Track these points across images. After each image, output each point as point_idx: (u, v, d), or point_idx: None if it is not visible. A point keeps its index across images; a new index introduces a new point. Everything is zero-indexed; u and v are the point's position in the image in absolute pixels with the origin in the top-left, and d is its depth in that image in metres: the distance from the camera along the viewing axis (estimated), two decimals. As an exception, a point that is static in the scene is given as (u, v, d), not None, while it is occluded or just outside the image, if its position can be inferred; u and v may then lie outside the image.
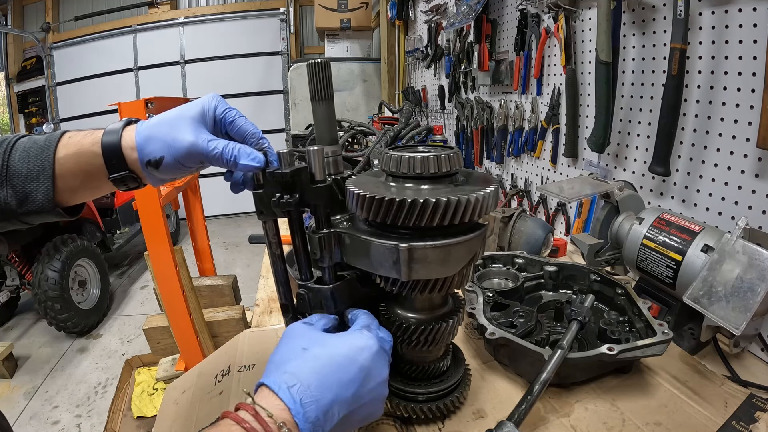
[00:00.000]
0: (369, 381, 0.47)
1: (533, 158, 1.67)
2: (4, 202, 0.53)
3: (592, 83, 1.21)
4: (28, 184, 0.53)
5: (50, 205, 0.54)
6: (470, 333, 0.88)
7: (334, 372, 0.45)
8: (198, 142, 0.53)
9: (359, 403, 0.46)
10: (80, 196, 0.59)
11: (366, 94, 3.92)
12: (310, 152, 0.55)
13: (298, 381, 0.44)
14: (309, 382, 0.44)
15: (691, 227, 0.81)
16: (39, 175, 0.53)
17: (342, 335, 0.50)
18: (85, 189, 0.58)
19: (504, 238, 1.21)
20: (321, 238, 0.56)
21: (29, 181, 0.53)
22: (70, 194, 0.57)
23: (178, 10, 5.73)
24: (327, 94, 0.67)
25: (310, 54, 5.93)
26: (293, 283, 0.62)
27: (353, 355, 0.47)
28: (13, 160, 0.53)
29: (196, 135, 0.54)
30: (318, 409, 0.43)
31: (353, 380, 0.46)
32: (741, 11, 0.85)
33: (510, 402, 0.62)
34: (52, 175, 0.53)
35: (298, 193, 0.55)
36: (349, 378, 0.46)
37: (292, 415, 0.42)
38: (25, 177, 0.53)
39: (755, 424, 0.61)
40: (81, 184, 0.56)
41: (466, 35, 2.05)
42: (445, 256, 0.51)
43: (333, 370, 0.45)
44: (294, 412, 0.42)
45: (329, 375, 0.45)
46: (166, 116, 0.55)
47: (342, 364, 0.46)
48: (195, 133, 0.54)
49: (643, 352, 0.66)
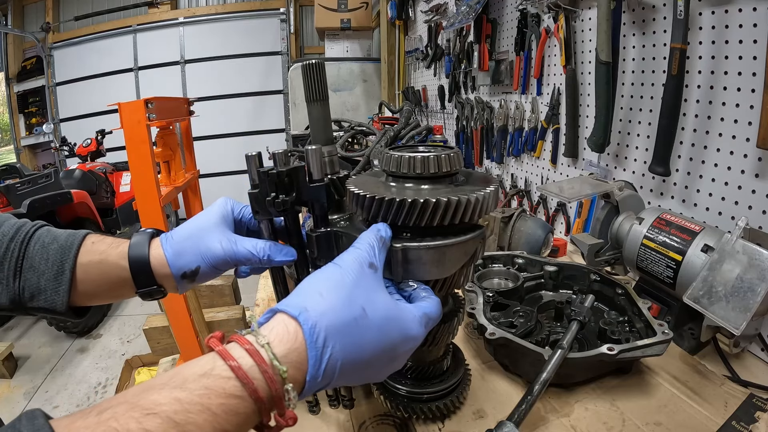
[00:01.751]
0: (392, 367, 0.43)
1: (533, 158, 1.67)
2: (15, 295, 0.52)
3: (592, 83, 1.21)
4: (44, 283, 0.53)
5: (64, 307, 0.53)
6: (470, 333, 0.88)
7: (372, 355, 0.39)
8: (231, 247, 0.54)
9: (367, 378, 0.41)
10: (97, 301, 0.59)
11: (366, 94, 3.92)
12: (308, 151, 0.55)
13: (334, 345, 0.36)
14: (344, 356, 0.37)
15: (691, 227, 0.81)
16: (58, 276, 0.53)
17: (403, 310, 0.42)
18: (106, 296, 0.58)
19: (504, 238, 1.21)
20: (318, 237, 0.56)
21: (46, 279, 0.53)
22: (87, 298, 0.56)
23: (178, 10, 5.73)
24: (322, 95, 0.67)
25: (310, 54, 5.93)
26: (291, 282, 0.62)
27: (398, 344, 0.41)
28: (30, 253, 0.53)
29: (227, 240, 0.54)
30: (329, 380, 0.37)
31: (378, 367, 0.40)
32: (741, 11, 0.85)
33: (510, 402, 0.62)
34: (71, 278, 0.53)
35: (295, 192, 0.55)
36: (378, 365, 0.40)
37: (306, 381, 0.35)
38: (41, 274, 0.53)
39: (755, 424, 0.61)
40: (102, 292, 0.57)
41: (466, 35, 2.05)
42: (439, 257, 0.50)
43: (372, 355, 0.39)
44: (308, 379, 0.35)
45: (365, 357, 0.38)
46: (191, 228, 0.56)
47: (384, 351, 0.40)
48: (224, 238, 0.54)
49: (643, 352, 0.66)
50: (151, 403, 0.30)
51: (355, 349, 0.38)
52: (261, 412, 0.33)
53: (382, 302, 0.41)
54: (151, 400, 0.30)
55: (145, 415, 0.29)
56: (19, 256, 0.53)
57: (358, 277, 0.41)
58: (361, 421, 0.66)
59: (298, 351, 0.36)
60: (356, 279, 0.41)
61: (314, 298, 0.38)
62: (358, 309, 0.39)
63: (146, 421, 0.29)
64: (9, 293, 0.52)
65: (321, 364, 0.36)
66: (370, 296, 0.41)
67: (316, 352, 0.36)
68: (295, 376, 0.35)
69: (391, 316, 0.41)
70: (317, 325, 0.36)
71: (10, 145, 5.79)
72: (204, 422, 0.30)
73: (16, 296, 0.52)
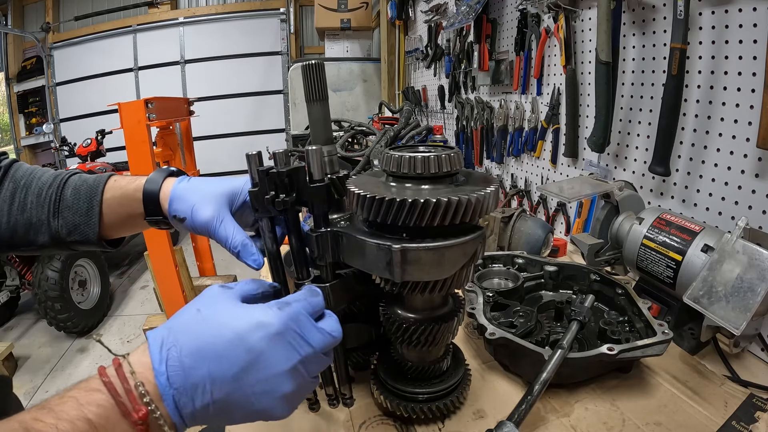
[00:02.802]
0: (258, 367, 0.39)
1: (533, 158, 1.67)
2: (56, 231, 0.63)
3: (592, 83, 1.21)
4: (78, 218, 0.63)
5: (95, 238, 0.64)
6: (470, 333, 0.88)
7: (215, 344, 0.39)
8: (213, 222, 0.58)
9: (244, 392, 0.39)
10: (121, 232, 0.68)
11: (366, 94, 3.92)
12: (309, 152, 0.55)
13: (174, 341, 0.39)
14: (184, 346, 0.39)
15: (691, 227, 0.81)
16: (88, 211, 0.63)
17: (248, 307, 0.43)
18: (126, 226, 0.67)
19: (504, 238, 1.21)
20: (318, 236, 0.56)
21: (79, 215, 0.63)
22: (113, 230, 0.66)
23: (178, 10, 5.73)
24: (321, 95, 0.68)
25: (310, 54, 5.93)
26: (291, 282, 0.62)
27: (244, 331, 0.40)
28: (65, 195, 0.64)
29: (215, 214, 0.58)
30: (185, 377, 0.38)
31: (235, 360, 0.39)
32: (741, 11, 0.85)
33: (510, 402, 0.62)
34: (99, 213, 0.64)
35: (295, 192, 0.55)
36: (230, 356, 0.39)
37: (154, 376, 0.37)
38: (75, 212, 0.63)
39: (755, 424, 0.61)
40: (122, 223, 0.66)
41: (466, 35, 2.05)
42: (438, 258, 0.51)
43: (215, 341, 0.39)
44: (156, 373, 0.37)
45: (209, 345, 0.39)
46: (201, 185, 0.62)
47: (228, 337, 0.39)
48: (216, 212, 0.58)
49: (643, 352, 0.66)
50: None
51: (191, 337, 0.39)
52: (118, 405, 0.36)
53: (221, 303, 0.43)
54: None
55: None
56: (56, 199, 0.63)
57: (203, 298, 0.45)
58: (361, 421, 0.66)
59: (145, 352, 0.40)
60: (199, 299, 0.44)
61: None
62: (192, 311, 0.42)
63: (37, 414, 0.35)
64: (50, 232, 0.63)
65: (163, 358, 0.38)
66: (207, 302, 0.43)
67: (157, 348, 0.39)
68: (144, 373, 0.38)
69: (225, 309, 0.42)
70: (156, 332, 0.41)
71: (10, 145, 5.79)
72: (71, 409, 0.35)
73: (56, 234, 0.63)
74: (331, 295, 0.58)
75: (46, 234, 0.63)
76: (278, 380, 0.40)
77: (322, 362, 0.45)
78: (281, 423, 0.66)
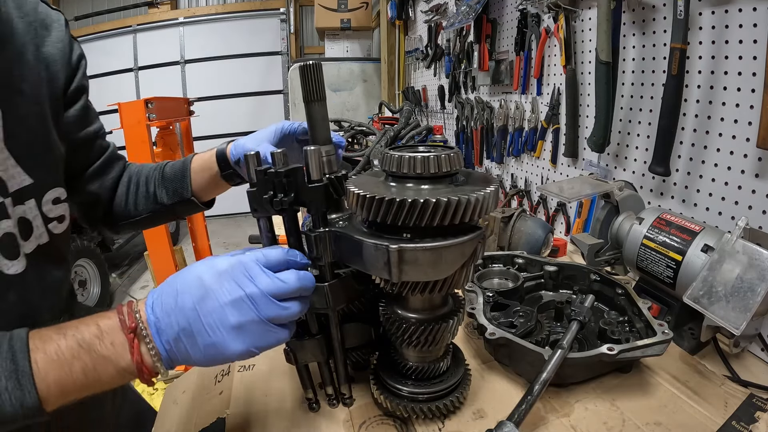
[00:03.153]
0: (208, 299, 0.46)
1: (533, 158, 1.67)
2: (161, 198, 0.85)
3: (592, 83, 1.21)
4: (175, 184, 0.85)
5: (189, 195, 0.84)
6: (470, 333, 0.88)
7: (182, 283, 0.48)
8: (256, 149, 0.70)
9: (201, 321, 0.46)
10: (209, 193, 0.88)
11: (366, 94, 3.92)
12: (307, 152, 0.55)
13: (162, 286, 0.49)
14: (165, 288, 0.48)
15: (691, 227, 0.81)
16: (182, 178, 0.84)
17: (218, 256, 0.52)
18: (210, 187, 0.86)
19: (504, 238, 1.21)
20: (317, 236, 0.56)
21: (175, 182, 0.85)
22: (202, 192, 0.86)
23: (178, 10, 5.73)
24: (319, 95, 0.68)
25: (310, 54, 5.93)
26: None
27: (201, 272, 0.48)
28: (165, 171, 0.87)
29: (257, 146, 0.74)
30: (161, 308, 0.47)
31: (192, 293, 0.47)
32: (741, 11, 0.85)
33: (510, 402, 0.62)
34: (189, 177, 0.84)
35: (293, 192, 0.55)
36: (190, 290, 0.47)
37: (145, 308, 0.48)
38: (172, 180, 0.85)
39: (755, 424, 0.61)
40: (207, 184, 0.85)
41: (466, 35, 2.05)
42: (436, 258, 0.50)
43: (183, 281, 0.48)
44: (146, 306, 0.48)
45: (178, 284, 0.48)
46: (254, 134, 0.81)
47: (189, 278, 0.48)
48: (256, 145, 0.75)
49: (643, 352, 0.66)
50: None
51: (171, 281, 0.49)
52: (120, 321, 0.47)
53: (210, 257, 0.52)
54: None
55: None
56: (159, 176, 0.86)
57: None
58: (361, 421, 0.66)
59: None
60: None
61: None
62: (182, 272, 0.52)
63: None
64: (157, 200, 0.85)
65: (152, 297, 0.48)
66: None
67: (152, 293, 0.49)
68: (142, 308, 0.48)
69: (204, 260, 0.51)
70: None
71: (10, 145, 5.78)
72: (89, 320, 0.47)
73: (161, 200, 0.85)
74: (330, 295, 0.58)
75: (153, 202, 0.85)
76: (224, 311, 0.46)
77: (275, 307, 0.49)
78: (281, 422, 0.66)
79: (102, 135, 0.81)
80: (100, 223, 0.86)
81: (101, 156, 0.81)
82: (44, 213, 0.62)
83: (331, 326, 0.62)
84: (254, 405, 0.71)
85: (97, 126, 0.80)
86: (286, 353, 0.64)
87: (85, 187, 0.79)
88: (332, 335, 0.63)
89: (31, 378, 0.42)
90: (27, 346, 0.43)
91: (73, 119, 0.72)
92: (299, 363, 0.65)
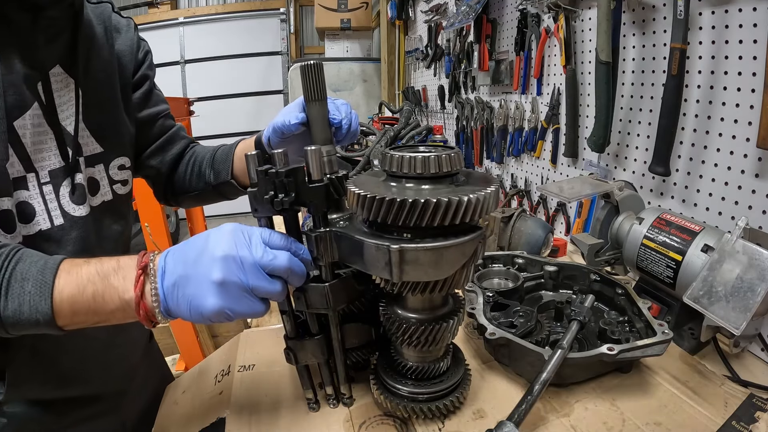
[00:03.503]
0: (206, 251, 0.51)
1: (533, 158, 1.67)
2: (208, 177, 0.91)
3: (592, 83, 1.21)
4: (219, 165, 0.90)
5: (227, 176, 0.89)
6: (470, 333, 0.88)
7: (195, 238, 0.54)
8: (282, 120, 0.75)
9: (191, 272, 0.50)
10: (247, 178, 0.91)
11: (366, 94, 3.92)
12: (308, 152, 0.55)
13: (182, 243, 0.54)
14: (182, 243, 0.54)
15: (691, 227, 0.81)
16: (225, 160, 0.90)
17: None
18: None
19: (504, 238, 1.21)
20: (318, 237, 0.56)
21: (220, 163, 0.90)
22: (242, 175, 0.89)
23: (178, 10, 5.73)
24: (320, 95, 0.68)
25: (310, 54, 5.92)
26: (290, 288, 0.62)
27: (212, 231, 0.53)
28: (216, 153, 0.92)
29: (287, 115, 0.74)
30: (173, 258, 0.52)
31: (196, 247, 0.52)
32: (741, 11, 0.85)
33: (510, 402, 0.62)
34: (231, 160, 0.89)
35: (294, 192, 0.55)
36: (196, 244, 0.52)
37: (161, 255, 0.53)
38: (219, 162, 0.90)
39: (755, 424, 0.61)
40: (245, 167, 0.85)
41: (466, 35, 2.05)
42: (437, 258, 0.50)
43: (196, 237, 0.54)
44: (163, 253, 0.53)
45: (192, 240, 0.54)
46: (281, 113, 0.78)
47: (202, 234, 0.53)
48: (290, 115, 0.74)
49: (643, 352, 0.66)
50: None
51: (186, 241, 0.54)
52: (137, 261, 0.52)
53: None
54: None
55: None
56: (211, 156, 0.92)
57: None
58: (361, 421, 0.66)
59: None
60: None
61: None
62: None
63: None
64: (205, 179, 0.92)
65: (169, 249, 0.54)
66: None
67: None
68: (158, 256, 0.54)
69: (217, 228, 0.55)
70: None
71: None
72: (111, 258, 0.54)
73: (209, 179, 0.91)
74: (330, 295, 0.58)
75: (202, 181, 0.92)
76: (213, 265, 0.49)
77: (261, 278, 0.51)
78: (281, 422, 0.66)
79: (165, 116, 0.92)
80: (163, 194, 0.99)
81: (163, 135, 0.92)
82: (110, 176, 0.77)
83: (331, 326, 0.62)
84: (254, 405, 0.71)
85: (160, 108, 0.91)
86: (286, 353, 0.64)
87: (148, 161, 0.91)
88: (332, 335, 0.63)
89: (50, 288, 0.49)
90: (57, 266, 0.51)
91: (137, 101, 0.85)
92: (299, 363, 0.65)
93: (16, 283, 0.49)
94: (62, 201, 0.67)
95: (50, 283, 0.49)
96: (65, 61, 0.68)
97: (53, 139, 0.67)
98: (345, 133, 0.74)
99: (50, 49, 0.66)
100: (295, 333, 0.64)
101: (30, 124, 0.63)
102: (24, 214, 0.63)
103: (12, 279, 0.49)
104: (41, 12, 0.63)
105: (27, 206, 0.63)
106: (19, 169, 0.62)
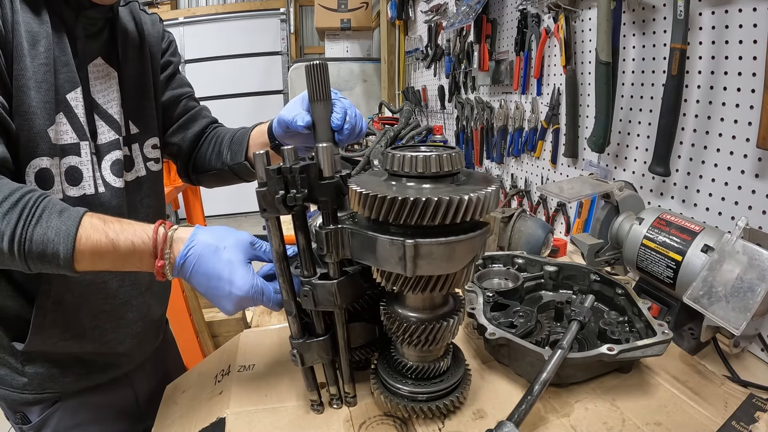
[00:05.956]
0: (221, 247, 0.61)
1: (533, 158, 1.67)
2: (225, 157, 0.96)
3: (592, 83, 1.21)
4: (235, 147, 0.95)
5: (242, 158, 0.94)
6: (470, 333, 0.88)
7: (221, 229, 0.64)
8: (290, 117, 0.77)
9: (212, 283, 0.61)
10: None
11: (366, 94, 3.91)
12: (319, 149, 0.55)
13: (216, 227, 0.64)
14: (201, 228, 0.63)
15: (691, 227, 0.81)
16: (241, 142, 0.95)
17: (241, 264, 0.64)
18: None
19: (504, 238, 1.21)
20: (328, 234, 0.56)
21: (236, 145, 0.95)
22: None
23: (178, 10, 5.72)
24: (325, 95, 0.68)
25: (310, 54, 5.92)
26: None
27: (229, 231, 0.64)
28: (235, 135, 0.98)
29: (294, 112, 0.77)
30: (194, 231, 0.61)
31: (217, 235, 0.62)
32: (741, 11, 0.85)
33: (510, 402, 0.62)
34: (247, 143, 0.94)
35: (307, 188, 0.56)
36: (216, 231, 0.63)
37: (186, 237, 0.61)
38: (235, 143, 0.96)
39: (755, 424, 0.61)
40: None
41: (466, 35, 2.05)
42: (449, 252, 0.51)
43: (224, 229, 0.64)
44: (197, 226, 0.63)
45: (220, 228, 0.64)
46: (285, 107, 0.81)
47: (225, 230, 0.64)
48: (295, 114, 0.77)
49: (643, 352, 0.66)
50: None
51: (220, 227, 0.65)
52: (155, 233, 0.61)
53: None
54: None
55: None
56: (229, 138, 0.98)
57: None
58: (361, 421, 0.66)
59: (189, 230, 0.64)
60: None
61: None
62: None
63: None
64: (222, 159, 0.97)
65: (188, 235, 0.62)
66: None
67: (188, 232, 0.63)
68: (181, 230, 0.63)
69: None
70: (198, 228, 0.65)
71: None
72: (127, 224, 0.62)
73: (225, 159, 0.96)
74: (338, 292, 0.58)
75: (220, 160, 0.97)
76: (220, 285, 0.60)
77: (248, 273, 0.61)
78: (281, 422, 0.66)
79: (188, 98, 1.00)
80: (185, 171, 1.06)
81: (185, 114, 0.99)
82: (144, 154, 0.89)
83: (338, 325, 0.62)
84: (254, 405, 0.71)
85: (184, 90, 0.99)
86: (292, 356, 0.64)
87: (171, 138, 0.99)
88: (338, 334, 0.63)
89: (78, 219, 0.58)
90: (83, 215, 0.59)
91: (161, 83, 0.94)
92: (306, 365, 0.65)
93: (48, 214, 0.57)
94: (104, 172, 0.78)
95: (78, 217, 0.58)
96: (106, 54, 0.80)
97: (99, 119, 0.78)
98: (347, 135, 0.76)
99: (92, 43, 0.78)
100: (300, 335, 0.64)
101: (81, 98, 0.74)
102: (72, 177, 0.73)
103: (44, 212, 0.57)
104: (83, 11, 0.74)
105: (76, 170, 0.73)
106: (72, 137, 0.72)
